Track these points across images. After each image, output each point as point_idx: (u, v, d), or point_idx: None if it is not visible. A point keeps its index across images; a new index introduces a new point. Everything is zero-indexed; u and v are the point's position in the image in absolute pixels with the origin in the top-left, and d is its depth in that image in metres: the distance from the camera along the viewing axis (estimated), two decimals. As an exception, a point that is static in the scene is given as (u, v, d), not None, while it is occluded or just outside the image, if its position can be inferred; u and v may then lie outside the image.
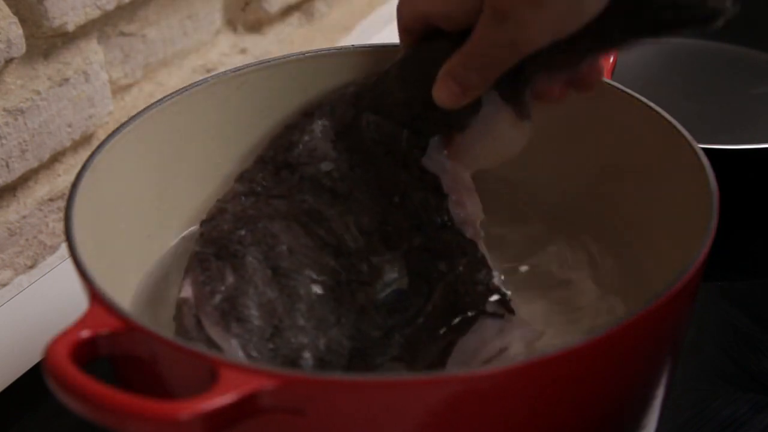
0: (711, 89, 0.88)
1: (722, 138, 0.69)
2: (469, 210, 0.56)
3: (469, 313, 0.52)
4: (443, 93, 0.53)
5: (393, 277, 0.56)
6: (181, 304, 0.53)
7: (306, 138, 0.59)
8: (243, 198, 0.58)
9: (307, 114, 0.61)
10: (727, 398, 0.59)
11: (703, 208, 0.52)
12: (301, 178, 0.58)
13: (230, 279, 0.53)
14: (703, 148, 0.54)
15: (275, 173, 0.59)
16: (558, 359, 0.42)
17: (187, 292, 0.54)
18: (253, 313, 0.52)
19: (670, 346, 0.49)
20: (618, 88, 0.60)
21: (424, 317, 0.54)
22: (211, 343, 0.51)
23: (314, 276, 0.55)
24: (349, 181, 0.58)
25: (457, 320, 0.52)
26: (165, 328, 0.54)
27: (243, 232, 0.56)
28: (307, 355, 0.51)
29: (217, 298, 0.52)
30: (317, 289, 0.54)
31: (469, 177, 0.57)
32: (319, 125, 0.59)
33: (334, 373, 0.47)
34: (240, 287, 0.53)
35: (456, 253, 0.55)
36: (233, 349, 0.50)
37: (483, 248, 0.55)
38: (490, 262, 0.54)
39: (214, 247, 0.55)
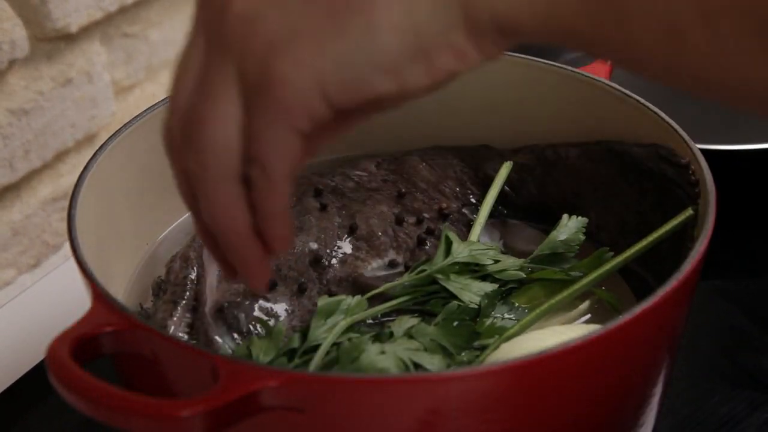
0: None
1: (719, 138, 0.69)
2: None
3: None
4: None
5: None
6: None
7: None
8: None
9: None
10: (725, 396, 0.59)
11: (701, 207, 0.52)
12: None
13: None
14: (701, 149, 0.54)
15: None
16: (557, 357, 0.42)
17: None
18: None
19: (668, 343, 0.49)
20: (616, 89, 0.60)
21: None
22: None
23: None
24: (377, 183, 0.63)
25: None
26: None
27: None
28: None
29: None
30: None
31: None
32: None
33: (335, 372, 0.47)
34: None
35: None
36: None
37: None
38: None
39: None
